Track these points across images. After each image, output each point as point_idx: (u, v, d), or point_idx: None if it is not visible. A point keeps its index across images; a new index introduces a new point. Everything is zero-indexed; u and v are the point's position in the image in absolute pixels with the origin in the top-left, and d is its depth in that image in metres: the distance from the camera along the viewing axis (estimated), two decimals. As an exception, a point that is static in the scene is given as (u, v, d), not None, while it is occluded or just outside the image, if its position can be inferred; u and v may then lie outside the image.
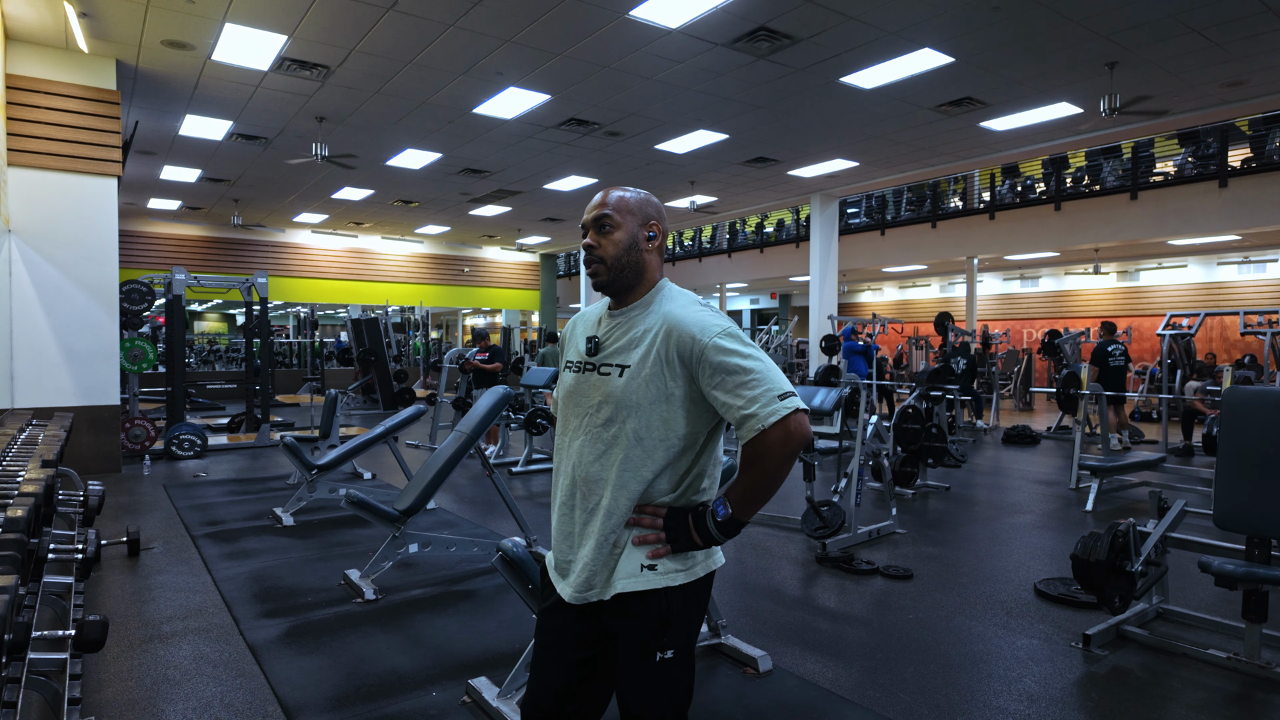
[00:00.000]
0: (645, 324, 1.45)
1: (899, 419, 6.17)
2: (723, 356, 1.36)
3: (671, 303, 1.47)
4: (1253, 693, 2.80)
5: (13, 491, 2.34)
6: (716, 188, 12.51)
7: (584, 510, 1.44)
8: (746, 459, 1.37)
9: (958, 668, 3.00)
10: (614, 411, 1.41)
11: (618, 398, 1.40)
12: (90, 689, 2.77)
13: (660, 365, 1.39)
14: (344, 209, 14.65)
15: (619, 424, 1.40)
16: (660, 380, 1.39)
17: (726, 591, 3.92)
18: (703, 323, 1.40)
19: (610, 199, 1.49)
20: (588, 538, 1.42)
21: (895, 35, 6.36)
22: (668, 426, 1.40)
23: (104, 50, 6.79)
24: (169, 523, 5.28)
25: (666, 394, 1.39)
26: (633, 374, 1.40)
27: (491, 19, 6.05)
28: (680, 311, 1.43)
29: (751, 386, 1.34)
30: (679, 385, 1.39)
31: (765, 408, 1.33)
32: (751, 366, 1.36)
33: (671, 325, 1.40)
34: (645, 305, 1.48)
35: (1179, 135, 11.13)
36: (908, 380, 12.63)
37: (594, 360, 1.48)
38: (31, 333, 6.62)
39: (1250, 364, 10.48)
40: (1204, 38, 6.37)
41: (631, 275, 1.48)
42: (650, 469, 1.40)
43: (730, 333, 1.39)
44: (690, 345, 1.37)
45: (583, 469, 1.44)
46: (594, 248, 1.48)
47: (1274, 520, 2.88)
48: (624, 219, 1.47)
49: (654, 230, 1.50)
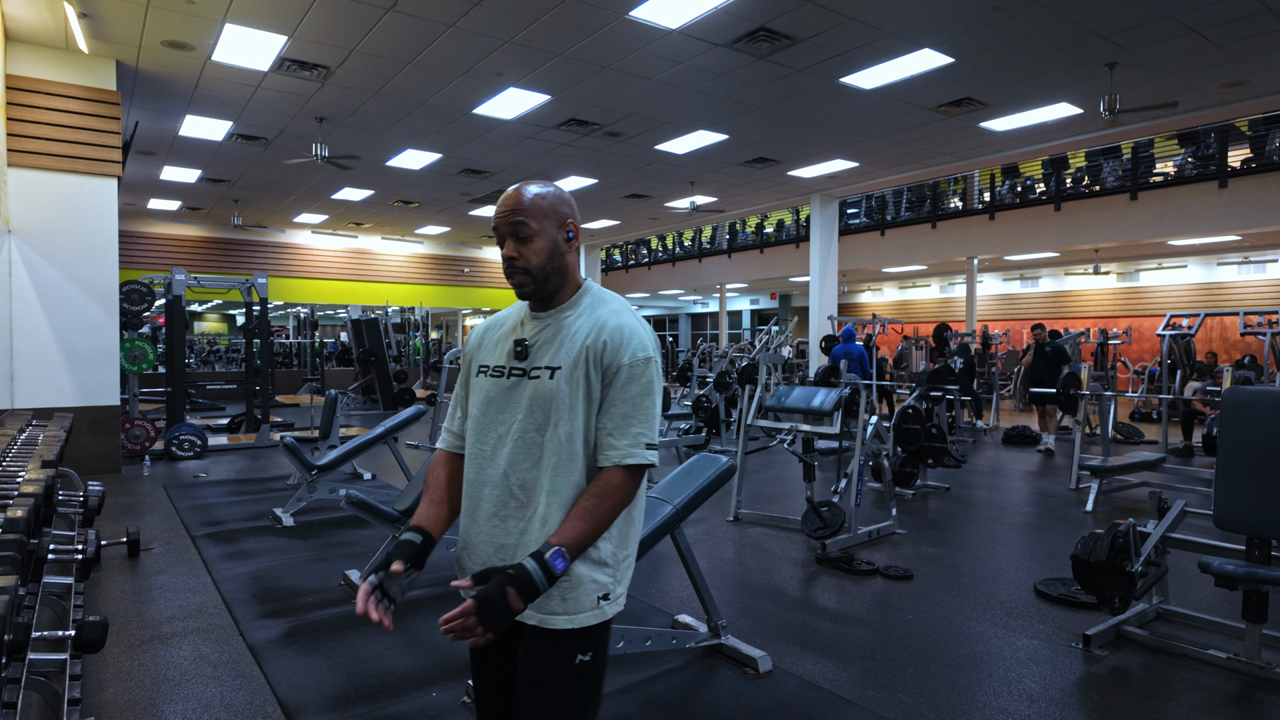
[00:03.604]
0: (576, 327, 1.41)
1: (899, 419, 6.17)
2: (635, 382, 1.36)
3: (605, 307, 1.44)
4: (1253, 693, 2.80)
5: (13, 492, 2.34)
6: (716, 188, 12.51)
7: (521, 520, 1.37)
8: (598, 489, 1.33)
9: (958, 668, 3.00)
10: (548, 415, 1.37)
11: (550, 401, 1.37)
12: (90, 689, 2.77)
13: (587, 367, 1.37)
14: (344, 209, 14.65)
15: (552, 427, 1.36)
16: (587, 382, 1.37)
17: (727, 591, 3.92)
18: (638, 341, 1.39)
19: (525, 202, 1.40)
20: (526, 547, 1.35)
21: (895, 35, 6.36)
22: (589, 429, 1.38)
23: (104, 50, 6.79)
24: (169, 523, 5.28)
25: (590, 397, 1.37)
26: (565, 377, 1.37)
27: (491, 19, 6.05)
28: (617, 320, 1.40)
29: (635, 422, 1.36)
30: (601, 386, 1.38)
31: (633, 446, 1.35)
32: (648, 407, 1.37)
33: (606, 331, 1.38)
34: (574, 307, 1.44)
35: (1179, 135, 11.14)
36: (907, 381, 12.62)
37: (523, 365, 1.42)
38: (31, 333, 6.62)
39: (1250, 364, 10.47)
40: (1204, 38, 6.38)
41: (556, 280, 1.43)
42: (579, 473, 1.36)
43: (655, 364, 1.40)
44: (616, 355, 1.36)
45: (518, 476, 1.38)
46: (515, 259, 1.40)
47: (1274, 520, 2.88)
48: (542, 224, 1.40)
49: (572, 230, 1.45)
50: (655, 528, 2.88)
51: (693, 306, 30.75)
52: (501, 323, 1.54)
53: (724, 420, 8.65)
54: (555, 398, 1.36)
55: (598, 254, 19.39)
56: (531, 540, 1.35)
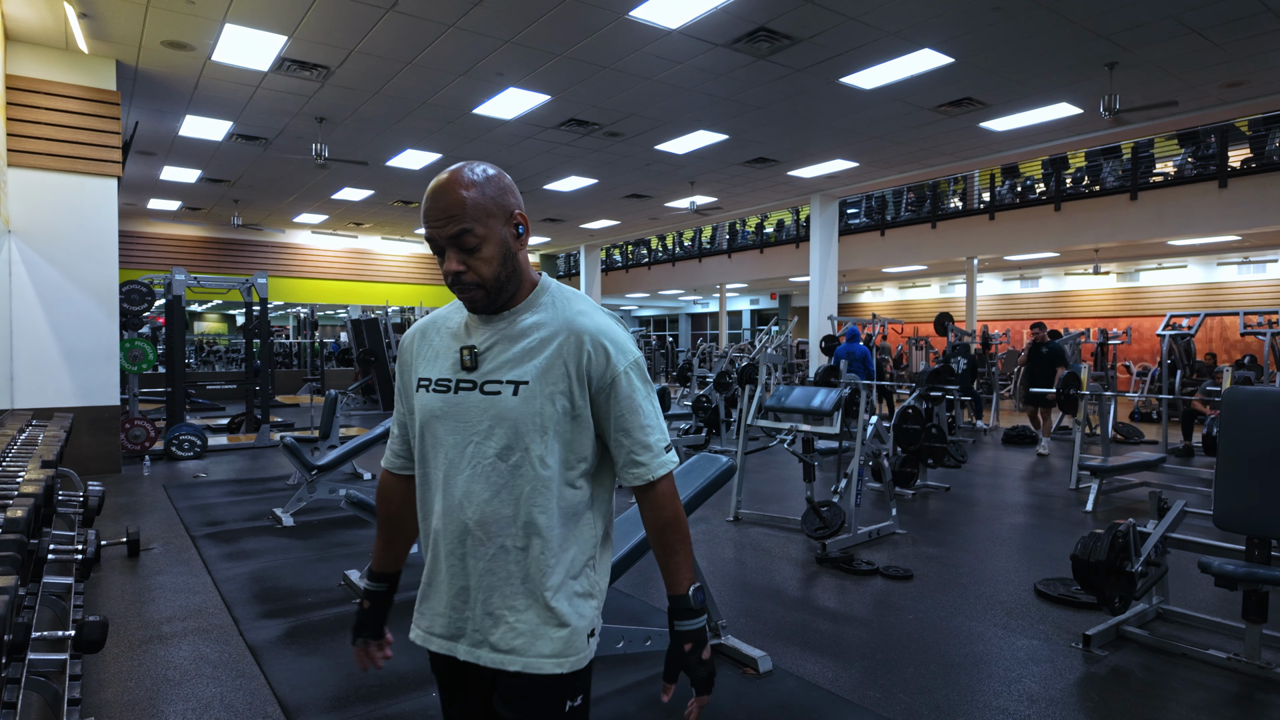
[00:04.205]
0: (540, 331, 1.22)
1: (899, 419, 6.17)
2: (631, 390, 1.23)
3: (570, 307, 1.25)
4: (1253, 693, 2.80)
5: (12, 492, 2.34)
6: (716, 188, 12.51)
7: (480, 559, 1.20)
8: (659, 515, 1.24)
9: (958, 668, 3.00)
10: (511, 437, 1.18)
11: (515, 420, 1.18)
12: (90, 690, 2.77)
13: (567, 381, 1.19)
14: (344, 209, 14.64)
15: (519, 452, 1.18)
16: (568, 396, 1.19)
17: (727, 592, 3.92)
18: (619, 343, 1.23)
19: (467, 203, 1.16)
20: (493, 588, 1.20)
21: (895, 35, 6.36)
22: (573, 451, 1.22)
23: (104, 51, 6.79)
24: (169, 523, 5.28)
25: (574, 412, 1.21)
26: (532, 390, 1.18)
27: (491, 19, 6.05)
28: (593, 323, 1.23)
29: (649, 431, 1.24)
30: (586, 404, 1.22)
31: (656, 458, 1.24)
32: (650, 410, 1.25)
33: (588, 339, 1.20)
34: (532, 307, 1.25)
35: (1179, 135, 11.14)
36: (908, 380, 12.62)
37: (473, 376, 1.22)
38: (31, 333, 6.62)
39: (1250, 364, 10.47)
40: (1204, 38, 6.38)
41: (512, 285, 1.23)
42: (555, 498, 1.21)
43: (640, 363, 1.26)
44: (605, 366, 1.20)
45: (475, 510, 1.19)
46: (462, 273, 1.18)
47: (1274, 520, 2.88)
48: (488, 226, 1.18)
49: (520, 223, 1.23)
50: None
51: (693, 306, 30.76)
52: (441, 325, 1.32)
53: (724, 420, 8.65)
54: (522, 417, 1.18)
55: (598, 254, 19.39)
56: (497, 580, 1.19)
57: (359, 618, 1.37)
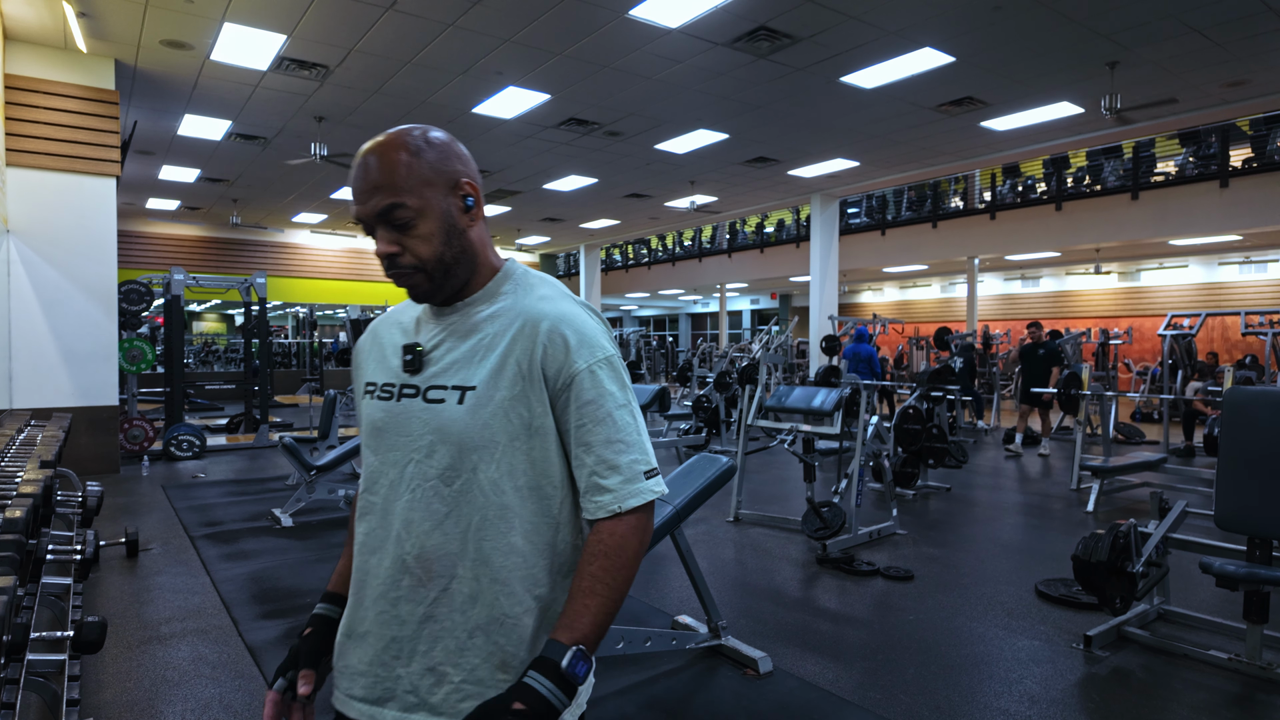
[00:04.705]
0: (493, 325, 1.02)
1: (899, 419, 6.16)
2: (598, 394, 0.99)
3: (532, 293, 1.05)
4: (1254, 694, 2.80)
5: (11, 492, 2.34)
6: (716, 188, 12.50)
7: (418, 603, 0.98)
8: (603, 548, 0.96)
9: (958, 669, 2.99)
10: (455, 456, 0.98)
11: (460, 435, 0.97)
12: (89, 690, 2.76)
13: (522, 383, 0.98)
14: (343, 209, 14.63)
15: (467, 473, 0.97)
16: (524, 403, 0.98)
17: (727, 592, 3.91)
18: (584, 335, 1.00)
19: (398, 171, 0.97)
20: (435, 639, 0.97)
21: (896, 35, 6.36)
22: (538, 470, 1.00)
23: (103, 50, 6.78)
24: (168, 524, 5.28)
25: (533, 425, 0.99)
26: (481, 398, 0.98)
27: (491, 19, 6.04)
28: (550, 308, 1.01)
29: (620, 449, 0.99)
30: (548, 412, 1.00)
31: (628, 484, 0.98)
32: (625, 422, 1.00)
33: (544, 330, 0.99)
34: (489, 297, 1.05)
35: (1180, 135, 11.13)
36: (908, 381, 12.62)
37: (416, 381, 1.03)
38: (30, 333, 6.61)
39: (1251, 364, 10.47)
40: (1205, 38, 6.37)
41: (463, 269, 1.03)
42: (516, 533, 0.98)
43: (614, 362, 1.02)
44: (566, 360, 0.98)
45: (414, 542, 0.98)
46: (396, 254, 0.99)
47: (1275, 521, 2.87)
48: (424, 197, 0.98)
49: (469, 193, 1.02)
50: (655, 528, 2.87)
51: (693, 306, 30.75)
52: (395, 321, 1.14)
53: (724, 420, 8.65)
54: (468, 431, 0.97)
55: (598, 254, 19.38)
56: (441, 630, 0.97)
57: (293, 650, 1.09)
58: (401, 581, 0.99)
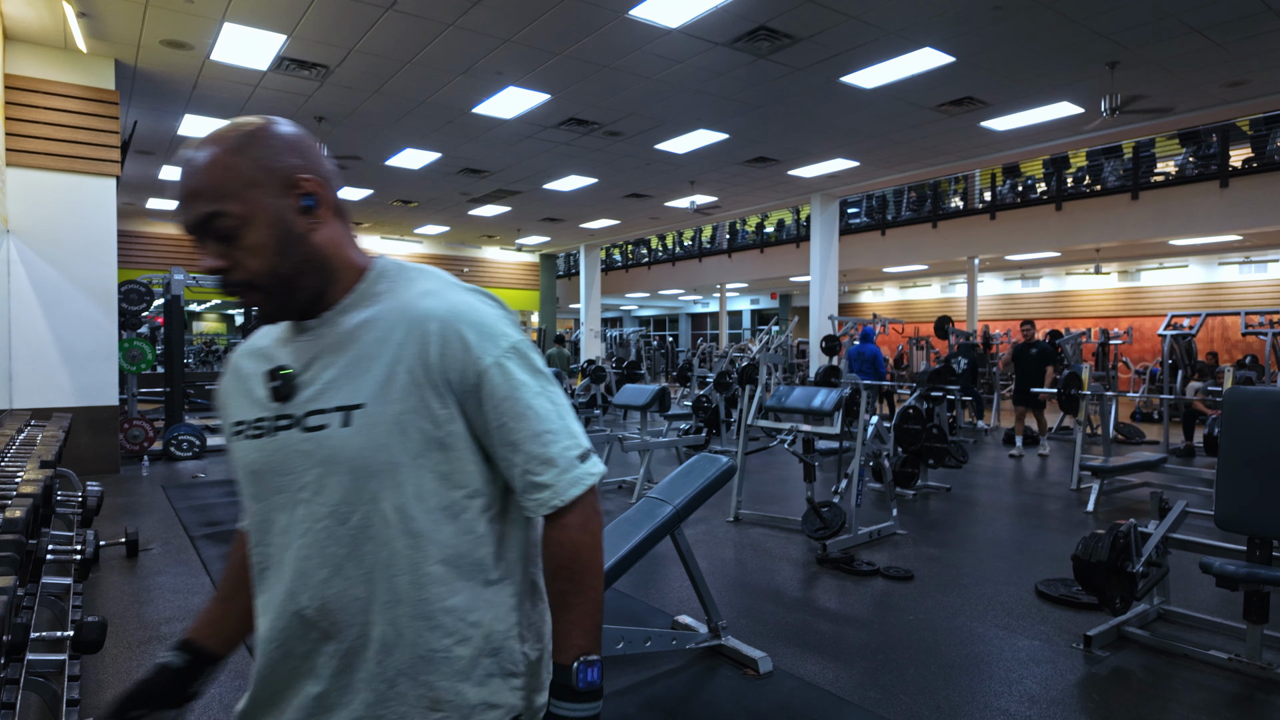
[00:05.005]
0: (371, 331, 0.89)
1: (900, 419, 6.16)
2: (511, 388, 0.89)
3: (412, 290, 0.92)
4: (1254, 694, 2.80)
5: (11, 492, 2.34)
6: (716, 188, 12.50)
7: (330, 656, 0.88)
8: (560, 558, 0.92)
9: (958, 669, 2.99)
10: (349, 488, 0.86)
11: (352, 462, 0.86)
12: (89, 690, 2.76)
13: (418, 392, 0.86)
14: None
15: (365, 506, 0.86)
16: (424, 414, 0.86)
17: (727, 592, 3.91)
18: (484, 326, 0.89)
19: (215, 173, 0.84)
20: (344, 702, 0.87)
21: (896, 35, 6.36)
22: (452, 485, 0.89)
23: (103, 50, 6.78)
24: (168, 523, 5.28)
25: (438, 437, 0.87)
26: (371, 416, 0.86)
27: (491, 19, 6.04)
28: (437, 304, 0.89)
29: (548, 441, 0.90)
30: (456, 417, 0.88)
31: (564, 475, 0.90)
32: (546, 410, 0.91)
33: (425, 325, 0.88)
34: (361, 301, 0.92)
35: (1180, 135, 11.13)
36: (908, 381, 12.62)
37: (290, 409, 0.90)
38: (30, 333, 6.61)
39: (1251, 364, 10.46)
40: (1205, 38, 6.36)
41: (312, 278, 0.89)
42: (432, 559, 0.87)
43: (521, 348, 0.91)
44: (464, 361, 0.87)
45: (312, 593, 0.87)
46: (226, 269, 0.86)
47: (1275, 521, 2.87)
48: (249, 201, 0.84)
49: (309, 191, 0.88)
50: (655, 529, 2.87)
51: (693, 306, 30.75)
52: (256, 347, 0.98)
53: (724, 420, 8.65)
54: (361, 456, 0.86)
55: (598, 254, 19.38)
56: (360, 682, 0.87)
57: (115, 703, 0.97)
58: (305, 639, 0.89)
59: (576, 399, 9.41)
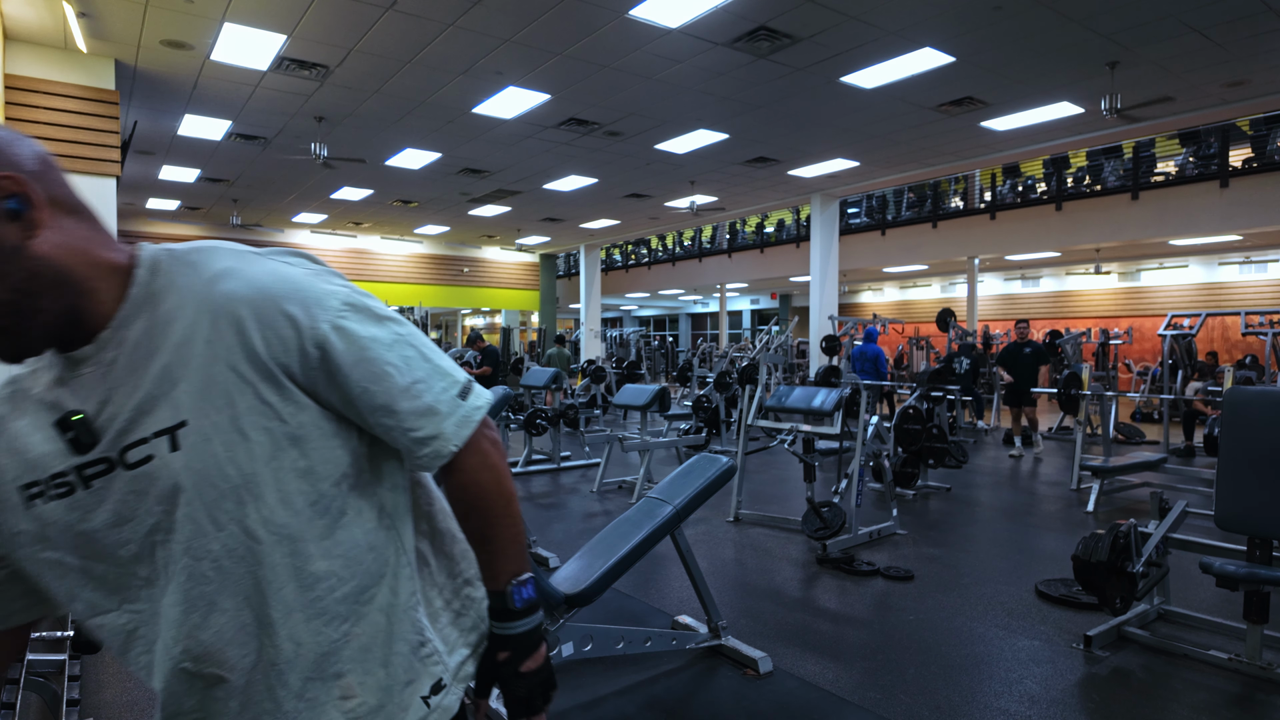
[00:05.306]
0: (167, 336, 0.76)
1: (900, 419, 6.16)
2: (360, 349, 0.79)
3: (202, 276, 0.78)
4: (1254, 694, 2.80)
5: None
6: (716, 188, 12.50)
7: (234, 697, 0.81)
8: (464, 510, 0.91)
9: (958, 669, 2.99)
10: (205, 515, 0.76)
11: (198, 487, 0.76)
12: (89, 690, 2.76)
13: (249, 388, 0.76)
14: (343, 209, 14.63)
15: (229, 529, 0.77)
16: (263, 412, 0.76)
17: (727, 592, 3.91)
18: (303, 293, 0.78)
19: None
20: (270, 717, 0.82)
21: (896, 35, 6.35)
22: (319, 477, 0.80)
23: (103, 50, 6.78)
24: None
25: (288, 433, 0.78)
26: (202, 431, 0.75)
27: (491, 19, 6.04)
28: (240, 286, 0.77)
29: (420, 390, 0.82)
30: (305, 405, 0.79)
31: (449, 419, 0.84)
32: (408, 357, 0.83)
33: (234, 312, 0.76)
34: (140, 307, 0.77)
35: (1180, 135, 11.13)
36: (908, 381, 12.62)
37: (99, 454, 0.76)
38: (31, 333, 6.60)
39: (1251, 364, 10.46)
40: (1205, 38, 6.36)
41: (54, 297, 0.74)
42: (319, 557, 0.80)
43: (354, 301, 0.82)
44: (295, 338, 0.77)
45: (187, 645, 0.79)
46: None
47: (1275, 521, 2.87)
48: None
49: (18, 194, 0.74)
50: (655, 529, 2.87)
51: (693, 306, 30.75)
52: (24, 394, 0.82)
53: (724, 420, 8.65)
54: (205, 476, 0.76)
55: (598, 254, 19.38)
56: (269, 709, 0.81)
57: None
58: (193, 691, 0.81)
59: (577, 399, 9.41)
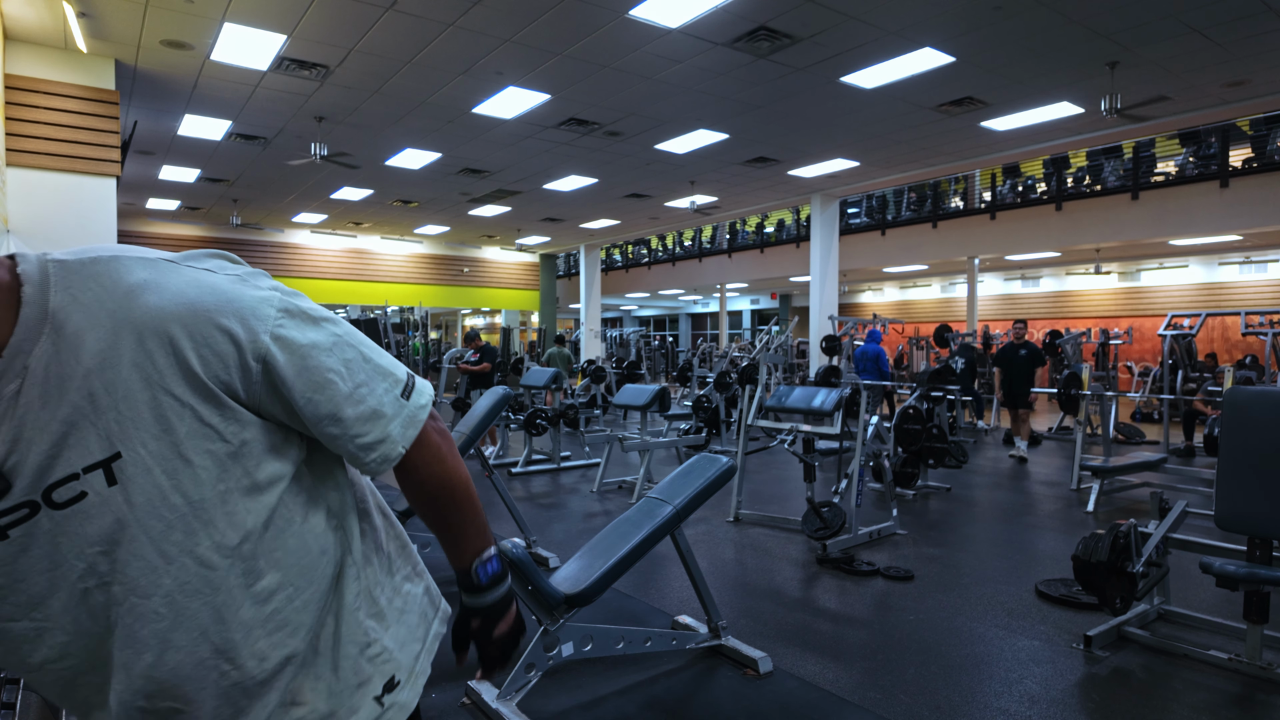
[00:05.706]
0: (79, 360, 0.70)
1: (900, 419, 6.16)
2: (302, 358, 0.77)
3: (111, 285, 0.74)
4: (1254, 694, 2.79)
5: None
6: (716, 188, 12.50)
7: None
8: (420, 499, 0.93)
9: (958, 669, 2.99)
10: (152, 551, 0.72)
11: (141, 522, 0.71)
12: (88, 690, 2.75)
13: (186, 411, 0.72)
14: (343, 209, 14.63)
15: (179, 563, 0.73)
16: (205, 435, 0.73)
17: (727, 592, 3.91)
18: (238, 304, 0.76)
19: None
20: None
21: (896, 35, 6.35)
22: (261, 492, 0.79)
23: (103, 50, 6.78)
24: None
25: (232, 452, 0.75)
26: (138, 462, 0.71)
27: (491, 19, 6.04)
28: (165, 300, 0.73)
29: (364, 394, 0.81)
30: (247, 423, 0.76)
31: (395, 420, 0.84)
32: (349, 360, 0.81)
33: (163, 330, 0.72)
34: (36, 330, 0.72)
35: (1180, 135, 11.13)
36: (908, 381, 12.62)
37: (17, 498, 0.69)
38: (31, 333, 6.60)
39: (1251, 364, 10.46)
40: (1205, 38, 6.36)
41: None
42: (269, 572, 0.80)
43: (289, 307, 0.79)
44: (233, 354, 0.73)
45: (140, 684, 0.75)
46: None
47: (1275, 521, 2.87)
48: None
49: None
50: (655, 529, 2.87)
51: (693, 306, 30.75)
52: None
53: (724, 420, 8.65)
54: (147, 510, 0.71)
55: (598, 254, 19.38)
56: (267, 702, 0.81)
57: None
58: None
59: (577, 399, 9.41)
